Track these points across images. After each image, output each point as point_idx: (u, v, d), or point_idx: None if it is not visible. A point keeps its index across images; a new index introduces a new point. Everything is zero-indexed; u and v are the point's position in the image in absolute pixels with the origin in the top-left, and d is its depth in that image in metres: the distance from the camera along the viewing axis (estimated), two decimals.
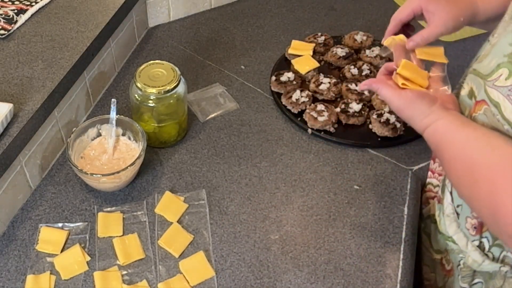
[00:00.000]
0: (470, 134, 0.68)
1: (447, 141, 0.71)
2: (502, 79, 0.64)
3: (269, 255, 0.86)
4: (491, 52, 0.71)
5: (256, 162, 1.00)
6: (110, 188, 0.92)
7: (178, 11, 1.33)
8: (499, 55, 0.67)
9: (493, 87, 0.66)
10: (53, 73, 0.94)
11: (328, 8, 1.40)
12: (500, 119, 0.65)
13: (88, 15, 1.08)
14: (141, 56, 1.22)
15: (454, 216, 0.81)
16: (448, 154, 0.70)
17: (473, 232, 0.78)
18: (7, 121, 0.84)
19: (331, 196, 0.95)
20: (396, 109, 0.77)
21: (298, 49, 1.20)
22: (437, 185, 0.91)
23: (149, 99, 0.94)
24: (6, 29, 1.02)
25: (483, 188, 0.63)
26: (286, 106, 1.08)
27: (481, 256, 0.76)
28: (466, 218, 0.79)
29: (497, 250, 0.75)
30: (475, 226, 0.77)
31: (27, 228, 0.88)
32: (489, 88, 0.67)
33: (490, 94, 0.66)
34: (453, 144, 0.70)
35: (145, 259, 0.85)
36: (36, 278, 0.81)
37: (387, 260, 0.85)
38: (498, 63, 0.66)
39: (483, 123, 0.69)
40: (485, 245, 0.77)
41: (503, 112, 0.64)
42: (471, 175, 0.65)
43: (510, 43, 0.65)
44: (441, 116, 0.73)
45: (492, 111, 0.66)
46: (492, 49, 0.71)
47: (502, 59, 0.66)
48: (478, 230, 0.77)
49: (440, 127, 0.72)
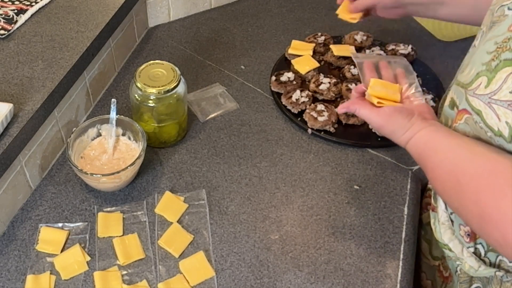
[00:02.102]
0: (452, 142, 0.69)
1: (430, 151, 0.72)
2: (482, 87, 0.65)
3: (269, 255, 0.86)
4: (470, 62, 0.71)
5: (256, 162, 1.00)
6: (110, 188, 0.92)
7: (178, 11, 1.33)
8: (477, 64, 0.68)
9: (474, 95, 0.67)
10: (53, 73, 0.94)
11: (328, 8, 1.40)
12: (483, 127, 0.65)
13: (88, 15, 1.08)
14: (141, 56, 1.22)
15: (449, 223, 0.81)
16: (431, 163, 0.71)
17: (467, 239, 0.77)
18: (7, 121, 0.84)
19: (331, 196, 0.95)
20: (376, 126, 0.80)
21: (298, 49, 1.21)
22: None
23: (149, 99, 0.94)
24: (6, 29, 1.02)
25: (468, 196, 0.64)
26: (286, 106, 1.08)
27: (477, 262, 0.76)
28: (459, 226, 0.79)
29: (492, 255, 0.75)
30: (469, 233, 0.77)
31: (27, 228, 0.88)
32: (470, 97, 0.67)
33: (472, 102, 0.67)
34: (435, 153, 0.71)
35: (145, 259, 0.85)
36: (36, 278, 0.81)
37: (387, 260, 0.85)
38: (477, 72, 0.67)
39: (464, 132, 0.70)
40: (480, 251, 0.76)
41: (485, 119, 0.64)
42: (456, 183, 0.66)
43: (488, 51, 0.66)
44: (421, 127, 0.75)
45: (475, 119, 0.66)
46: (471, 58, 0.71)
47: (481, 67, 0.67)
48: (472, 237, 0.77)
49: (421, 138, 0.74)
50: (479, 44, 0.73)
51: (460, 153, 0.67)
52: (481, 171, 0.63)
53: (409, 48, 1.21)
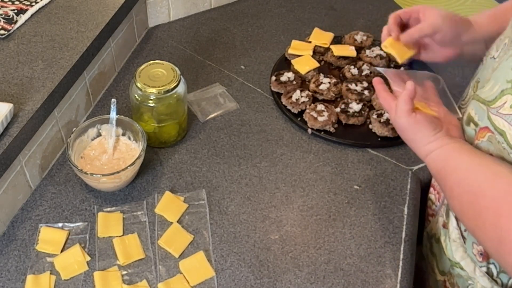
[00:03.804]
0: (473, 162, 0.66)
1: (450, 168, 0.69)
2: (507, 107, 0.62)
3: (269, 255, 0.86)
4: (492, 77, 0.68)
5: (256, 162, 1.00)
6: (110, 188, 0.92)
7: (178, 11, 1.33)
8: (501, 81, 0.65)
9: (497, 114, 0.64)
10: (53, 73, 0.94)
11: (328, 8, 1.40)
12: (506, 147, 0.63)
13: (88, 15, 1.08)
14: (141, 56, 1.22)
15: (461, 241, 0.78)
16: (450, 182, 0.68)
17: (480, 258, 0.75)
18: (7, 121, 0.84)
19: (331, 196, 0.95)
20: (400, 128, 0.76)
21: (298, 49, 1.21)
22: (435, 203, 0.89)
23: (149, 99, 0.94)
24: (6, 29, 1.02)
25: (487, 219, 0.61)
26: (286, 106, 1.08)
27: (490, 282, 0.74)
28: (472, 244, 0.76)
29: (505, 276, 0.73)
30: (481, 253, 0.75)
31: (27, 228, 0.88)
32: (493, 116, 0.65)
33: (495, 121, 0.64)
34: (456, 172, 0.68)
35: (145, 259, 0.85)
36: (36, 278, 0.81)
37: (387, 260, 0.85)
38: (501, 89, 0.64)
39: (487, 150, 0.67)
40: (492, 270, 0.74)
41: (509, 140, 0.62)
42: (475, 205, 0.63)
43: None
44: (444, 142, 0.71)
45: (497, 139, 0.64)
46: (494, 74, 0.68)
47: (506, 85, 0.64)
48: (485, 257, 0.74)
49: (443, 154, 0.71)
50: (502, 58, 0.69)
51: (482, 173, 0.64)
52: (503, 194, 0.60)
53: None
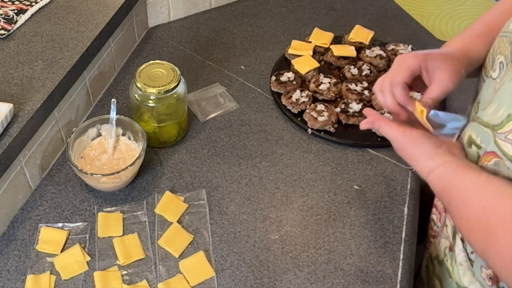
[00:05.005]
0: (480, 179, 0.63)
1: (456, 187, 0.65)
2: None
3: (269, 255, 0.86)
4: (495, 99, 0.66)
5: (256, 162, 1.00)
6: (110, 188, 0.92)
7: (178, 11, 1.33)
8: (507, 104, 0.62)
9: (506, 140, 0.61)
10: (53, 73, 0.94)
11: (328, 8, 1.40)
12: None
13: (88, 15, 1.08)
14: (141, 56, 1.22)
15: (468, 264, 0.75)
16: (457, 200, 0.65)
17: (489, 282, 0.72)
18: (7, 121, 0.84)
19: (331, 196, 0.95)
20: (399, 146, 0.74)
21: (298, 49, 1.20)
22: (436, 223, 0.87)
23: (149, 99, 0.94)
24: (6, 29, 1.02)
25: (498, 238, 0.58)
26: (286, 106, 1.08)
27: None
28: (481, 267, 0.73)
29: None
30: (491, 277, 0.71)
31: (27, 228, 0.88)
32: (501, 141, 0.62)
33: (503, 147, 0.61)
34: (462, 190, 0.65)
35: (145, 259, 0.85)
36: (36, 278, 0.81)
37: (387, 260, 0.85)
38: (508, 114, 0.61)
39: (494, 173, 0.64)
40: None
41: None
42: (485, 225, 0.60)
43: None
44: (448, 159, 0.68)
45: (507, 165, 0.61)
46: (496, 95, 0.66)
47: None
48: (494, 281, 0.71)
49: (447, 171, 0.67)
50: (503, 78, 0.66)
51: (491, 191, 0.61)
52: None
53: (409, 48, 1.21)
